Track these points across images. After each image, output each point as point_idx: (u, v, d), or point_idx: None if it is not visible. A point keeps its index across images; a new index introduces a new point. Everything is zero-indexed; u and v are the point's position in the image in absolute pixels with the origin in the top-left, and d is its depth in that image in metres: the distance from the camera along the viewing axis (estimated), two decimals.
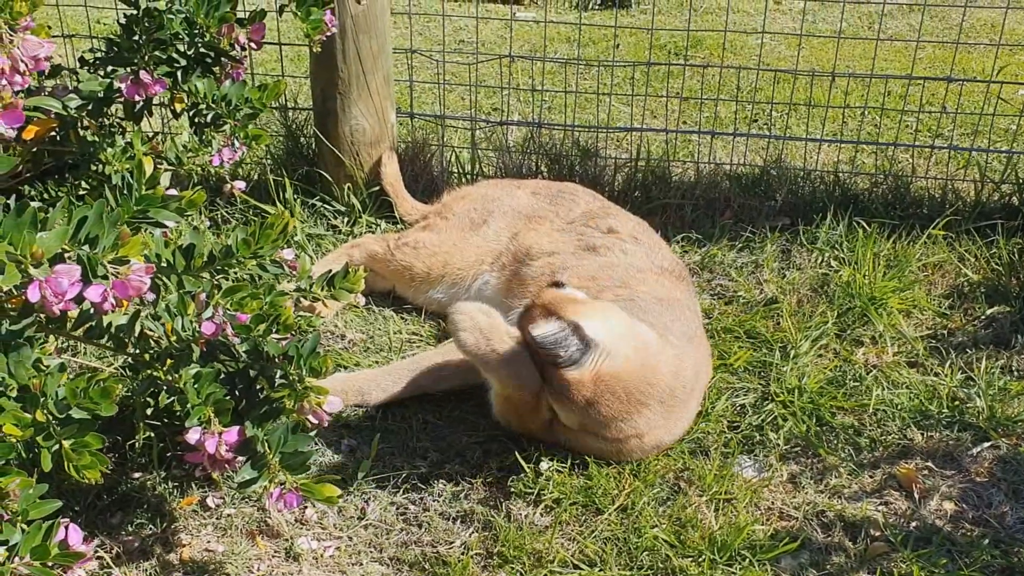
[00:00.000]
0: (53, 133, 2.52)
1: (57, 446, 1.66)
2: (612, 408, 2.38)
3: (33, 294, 1.57)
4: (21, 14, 1.59)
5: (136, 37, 2.40)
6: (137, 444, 2.44)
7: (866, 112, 4.34)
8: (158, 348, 2.01)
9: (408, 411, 2.73)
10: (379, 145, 3.61)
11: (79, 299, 1.67)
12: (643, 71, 4.69)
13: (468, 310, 2.45)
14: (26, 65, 1.62)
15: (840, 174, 3.74)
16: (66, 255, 1.72)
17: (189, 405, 1.94)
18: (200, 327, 1.93)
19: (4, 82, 1.63)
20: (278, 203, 3.55)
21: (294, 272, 2.33)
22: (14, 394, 1.63)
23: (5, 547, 1.73)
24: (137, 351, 2.01)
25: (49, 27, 1.75)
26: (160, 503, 2.38)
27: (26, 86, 1.73)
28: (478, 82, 4.03)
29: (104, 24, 5.30)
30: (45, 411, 1.63)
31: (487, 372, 2.46)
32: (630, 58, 5.08)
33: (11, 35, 1.60)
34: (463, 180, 3.81)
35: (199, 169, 2.69)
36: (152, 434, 2.42)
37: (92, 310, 1.90)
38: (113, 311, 1.73)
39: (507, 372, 2.41)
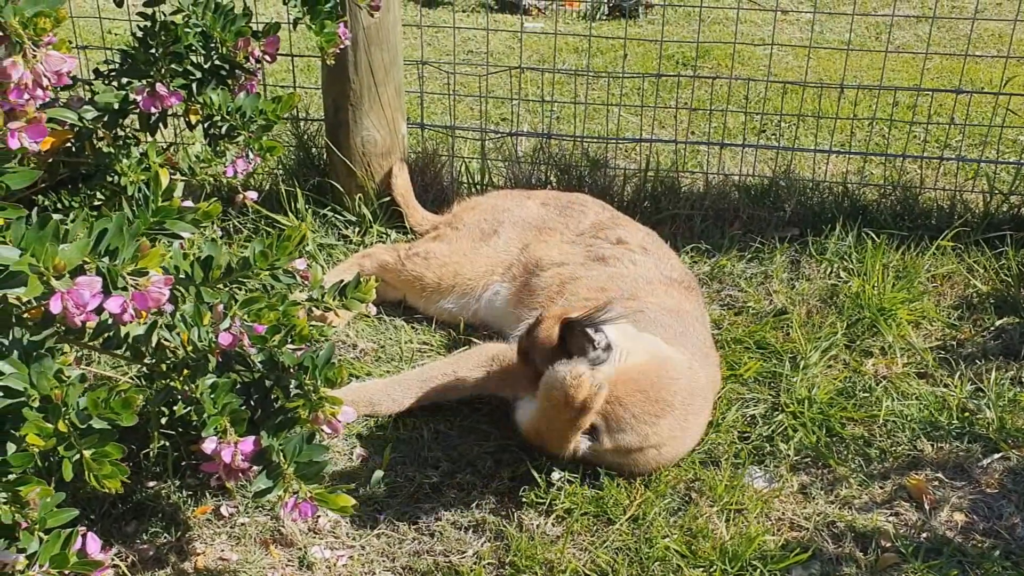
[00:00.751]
0: (68, 144, 2.55)
1: (78, 456, 1.68)
2: (639, 407, 2.39)
3: (55, 306, 1.59)
4: (45, 30, 1.61)
5: (152, 50, 2.42)
6: (152, 453, 2.46)
7: (875, 123, 4.36)
8: (175, 358, 2.03)
9: (419, 421, 2.75)
10: (390, 156, 3.64)
11: (99, 310, 1.69)
12: (652, 82, 4.71)
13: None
14: (49, 80, 1.65)
15: (849, 185, 3.75)
16: (86, 267, 1.74)
17: (205, 415, 1.96)
18: (217, 338, 1.95)
19: (27, 97, 1.65)
20: (290, 213, 3.58)
21: (306, 282, 2.35)
22: (36, 404, 1.65)
23: (24, 555, 1.74)
24: (154, 361, 2.03)
25: (70, 41, 1.77)
26: (175, 512, 2.40)
27: (47, 100, 1.75)
28: (488, 93, 4.05)
29: (115, 35, 5.34)
30: (67, 421, 1.65)
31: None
32: (638, 69, 5.11)
33: (34, 50, 1.62)
34: (473, 191, 3.83)
35: (212, 180, 2.72)
36: (167, 443, 2.44)
37: (110, 321, 1.93)
38: (132, 322, 1.74)
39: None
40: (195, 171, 2.64)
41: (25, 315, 1.81)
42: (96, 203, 2.57)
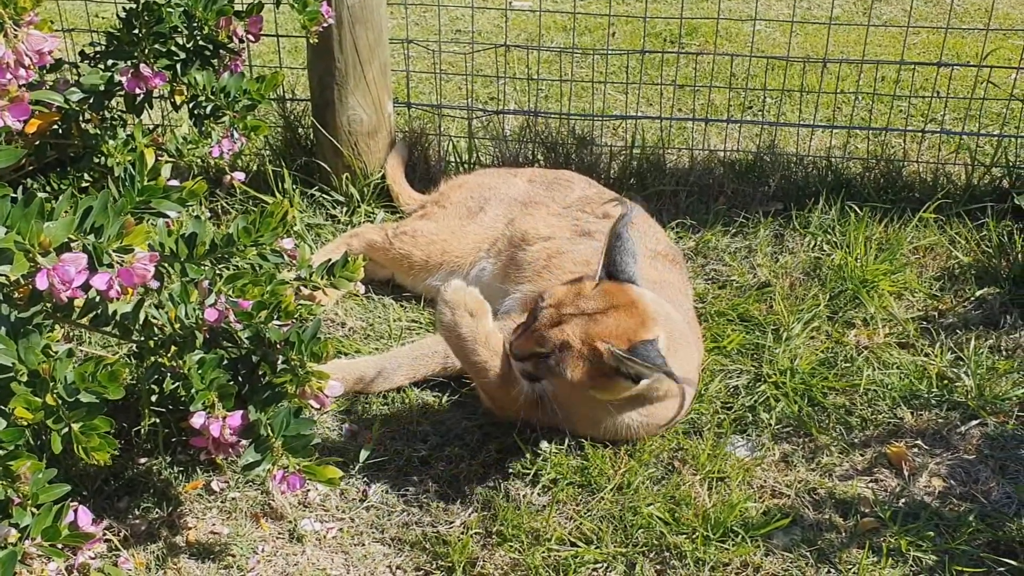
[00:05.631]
0: (55, 126, 2.57)
1: (67, 429, 1.71)
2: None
3: (41, 282, 1.62)
4: (25, 9, 1.63)
5: (136, 31, 2.44)
6: (143, 430, 2.49)
7: (858, 98, 4.38)
8: (162, 335, 2.06)
9: (408, 396, 2.78)
10: (377, 135, 3.65)
11: (85, 287, 1.72)
12: (638, 59, 4.72)
13: (456, 301, 2.51)
14: (31, 59, 1.67)
15: (833, 159, 3.78)
16: (72, 244, 1.76)
17: (194, 390, 1.99)
18: (203, 314, 1.98)
19: (9, 76, 1.67)
20: (277, 193, 3.59)
21: (294, 261, 2.37)
22: (24, 379, 1.68)
23: (17, 528, 1.78)
24: (142, 338, 2.06)
25: (52, 22, 1.79)
26: (166, 487, 2.44)
27: (30, 79, 1.77)
28: (474, 71, 4.07)
29: (102, 19, 5.33)
30: (55, 395, 1.68)
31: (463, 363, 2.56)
32: (625, 46, 5.12)
33: (15, 29, 1.64)
34: (460, 169, 3.85)
35: (199, 160, 2.74)
36: (157, 420, 2.47)
37: (98, 298, 1.95)
38: (118, 299, 1.77)
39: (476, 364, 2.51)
40: (182, 152, 2.66)
41: (14, 295, 1.84)
42: (84, 185, 2.59)
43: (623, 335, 2.34)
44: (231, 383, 2.05)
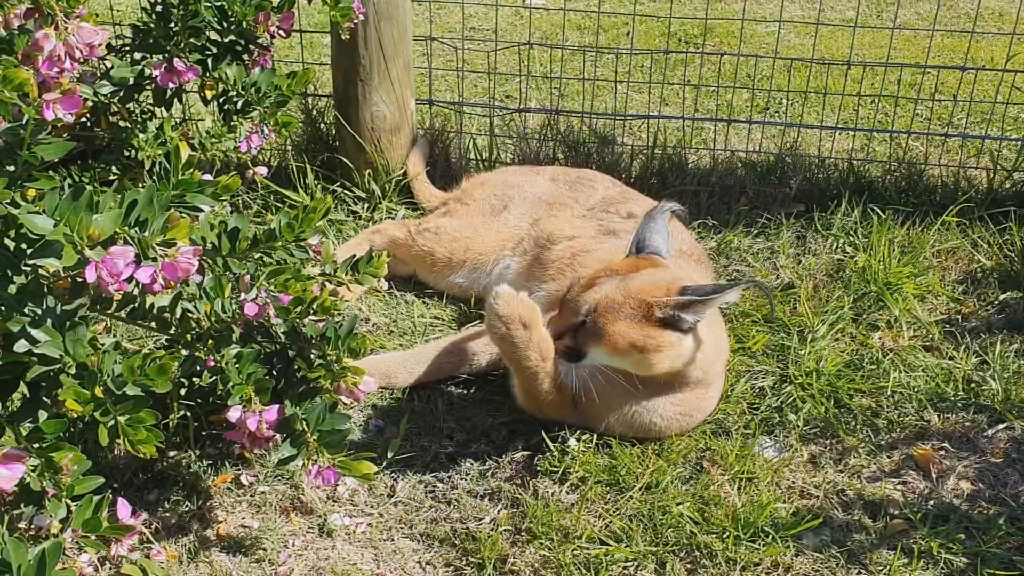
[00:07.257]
0: (83, 119, 2.56)
1: (113, 422, 1.71)
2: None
3: (90, 275, 1.62)
4: (77, 1, 1.63)
5: (172, 24, 2.43)
6: (171, 424, 2.49)
7: (879, 100, 4.38)
8: (199, 329, 2.06)
9: (433, 393, 2.78)
10: (399, 132, 3.65)
11: (129, 280, 1.72)
12: (657, 59, 4.73)
13: (506, 307, 2.49)
14: (81, 52, 1.67)
15: (854, 161, 3.78)
16: (116, 237, 1.76)
17: (231, 384, 1.99)
18: (242, 308, 1.98)
19: (57, 69, 1.67)
20: (299, 189, 3.59)
21: (318, 257, 2.37)
22: (72, 371, 1.68)
23: (57, 520, 1.79)
24: (179, 331, 2.06)
25: (97, 15, 1.79)
26: (195, 481, 2.44)
27: (75, 72, 1.77)
28: (495, 69, 4.07)
29: (118, 11, 5.32)
30: (103, 387, 1.68)
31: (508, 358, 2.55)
32: (639, 46, 5.11)
33: (66, 22, 1.64)
34: (481, 167, 3.85)
35: (222, 155, 2.73)
36: (187, 414, 2.47)
37: (136, 291, 1.96)
38: (161, 292, 1.77)
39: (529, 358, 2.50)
40: (205, 146, 2.66)
41: (53, 285, 1.84)
42: (109, 178, 2.58)
43: (660, 286, 2.41)
44: (267, 377, 2.05)
